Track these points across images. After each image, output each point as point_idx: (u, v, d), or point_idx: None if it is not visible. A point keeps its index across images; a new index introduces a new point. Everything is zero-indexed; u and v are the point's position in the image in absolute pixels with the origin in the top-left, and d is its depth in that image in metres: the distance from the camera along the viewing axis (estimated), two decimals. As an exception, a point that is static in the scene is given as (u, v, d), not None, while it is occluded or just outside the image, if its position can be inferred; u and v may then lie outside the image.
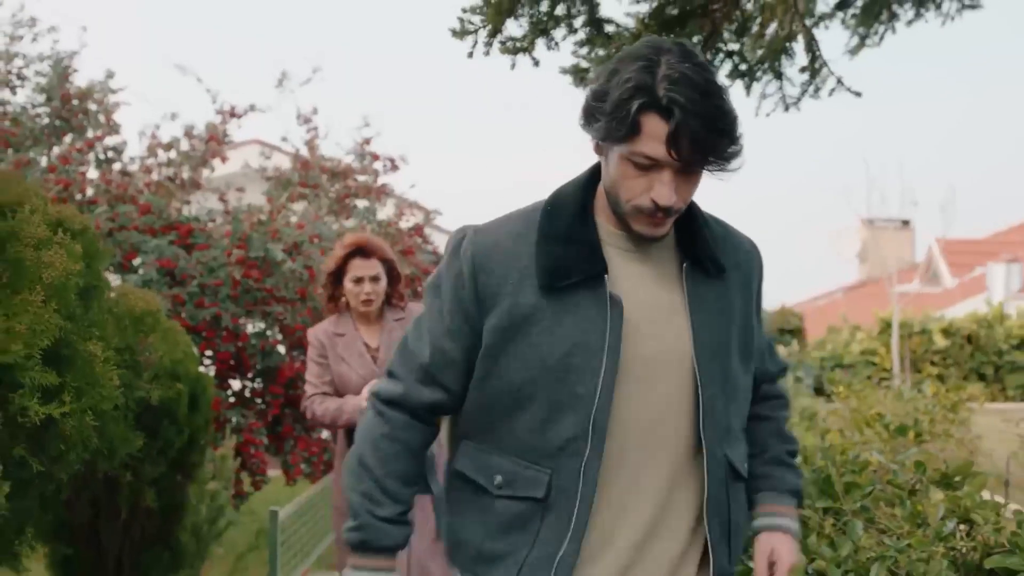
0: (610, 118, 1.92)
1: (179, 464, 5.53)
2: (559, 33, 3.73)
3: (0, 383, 2.76)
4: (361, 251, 4.94)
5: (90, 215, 8.20)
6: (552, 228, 2.07)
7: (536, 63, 3.60)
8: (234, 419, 8.18)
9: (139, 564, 5.63)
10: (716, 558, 2.12)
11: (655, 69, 1.90)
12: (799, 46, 4.12)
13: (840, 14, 4.89)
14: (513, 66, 3.61)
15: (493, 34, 3.53)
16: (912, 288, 31.56)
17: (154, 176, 10.35)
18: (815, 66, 4.20)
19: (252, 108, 11.22)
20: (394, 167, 11.74)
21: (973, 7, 5.06)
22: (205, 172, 10.66)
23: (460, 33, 3.47)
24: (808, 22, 4.09)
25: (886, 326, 15.48)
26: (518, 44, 3.56)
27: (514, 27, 3.57)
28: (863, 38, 5.05)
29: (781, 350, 17.50)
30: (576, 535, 2.04)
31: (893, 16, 5.09)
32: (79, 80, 10.27)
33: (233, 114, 11.08)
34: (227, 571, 7.58)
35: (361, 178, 11.50)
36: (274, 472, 9.74)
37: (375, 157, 11.65)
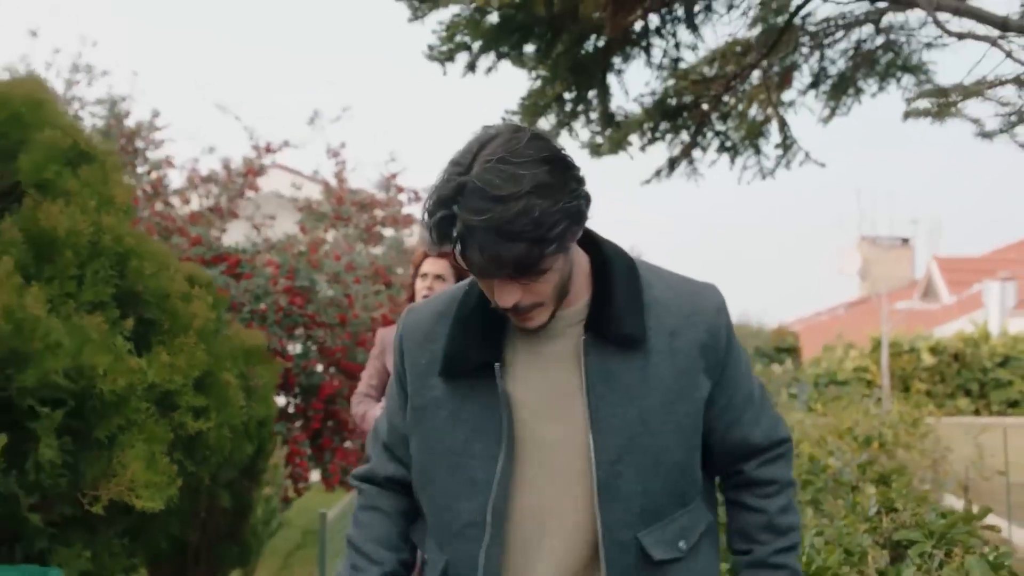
0: (425, 227, 1.85)
1: (248, 471, 6.39)
2: (578, 124, 4.68)
3: (165, 405, 3.70)
4: (435, 251, 5.24)
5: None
6: (461, 312, 2.04)
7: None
8: (281, 432, 9.07)
9: (213, 556, 6.49)
10: None
11: (464, 175, 1.79)
12: (773, 127, 5.07)
13: (813, 91, 5.83)
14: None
15: (529, 130, 4.48)
16: (911, 305, 32.38)
17: (193, 206, 11.35)
18: (786, 143, 5.12)
19: (286, 144, 12.23)
20: (418, 198, 12.66)
21: (929, 81, 5.96)
22: (240, 203, 11.61)
23: (504, 128, 4.42)
24: (780, 109, 5.03)
25: (877, 344, 16.36)
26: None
27: (543, 123, 4.51)
28: (833, 110, 5.99)
29: (775, 369, 18.20)
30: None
31: (859, 91, 6.03)
32: (129, 121, 11.26)
33: (268, 149, 12.07)
34: (277, 568, 8.48)
35: (387, 210, 12.43)
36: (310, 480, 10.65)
37: (400, 189, 12.59)
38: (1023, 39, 3.51)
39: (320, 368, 9.89)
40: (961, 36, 3.57)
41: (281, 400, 9.69)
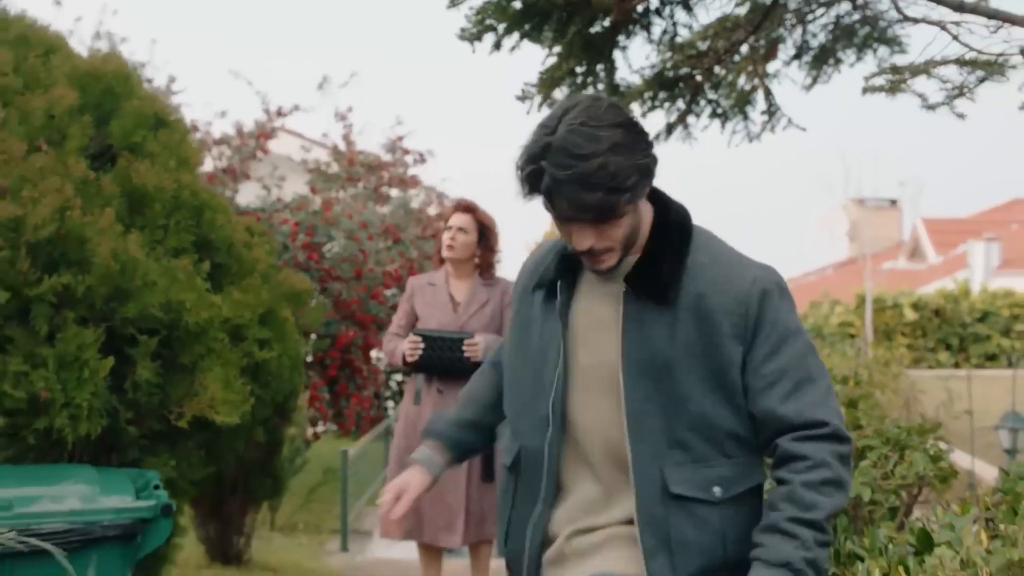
0: (517, 179, 2.17)
1: (280, 410, 7.00)
2: (588, 93, 5.28)
3: (236, 336, 4.31)
4: (460, 207, 5.45)
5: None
6: (558, 248, 2.37)
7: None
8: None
9: (248, 487, 7.10)
10: (650, 567, 2.21)
11: (550, 135, 2.10)
12: (759, 96, 5.67)
13: (796, 61, 6.42)
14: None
15: (544, 100, 5.08)
16: (898, 265, 33.01)
17: (207, 168, 11.91)
18: (771, 110, 5.71)
19: (296, 108, 12.79)
20: (422, 160, 13.25)
21: (903, 52, 6.55)
22: (252, 164, 12.19)
23: (522, 98, 5.03)
24: (766, 80, 5.63)
25: (862, 301, 17.03)
26: (561, 105, 5.16)
27: (558, 93, 5.11)
28: (815, 79, 6.58)
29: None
30: (547, 500, 2.35)
31: (839, 61, 6.62)
32: (147, 87, 11.81)
33: (280, 113, 12.64)
34: (300, 502, 9.14)
35: (393, 171, 13.01)
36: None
37: (405, 151, 13.16)
38: (972, 22, 4.10)
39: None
40: (916, 21, 4.17)
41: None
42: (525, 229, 37.93)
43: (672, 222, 2.29)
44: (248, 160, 12.14)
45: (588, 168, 2.05)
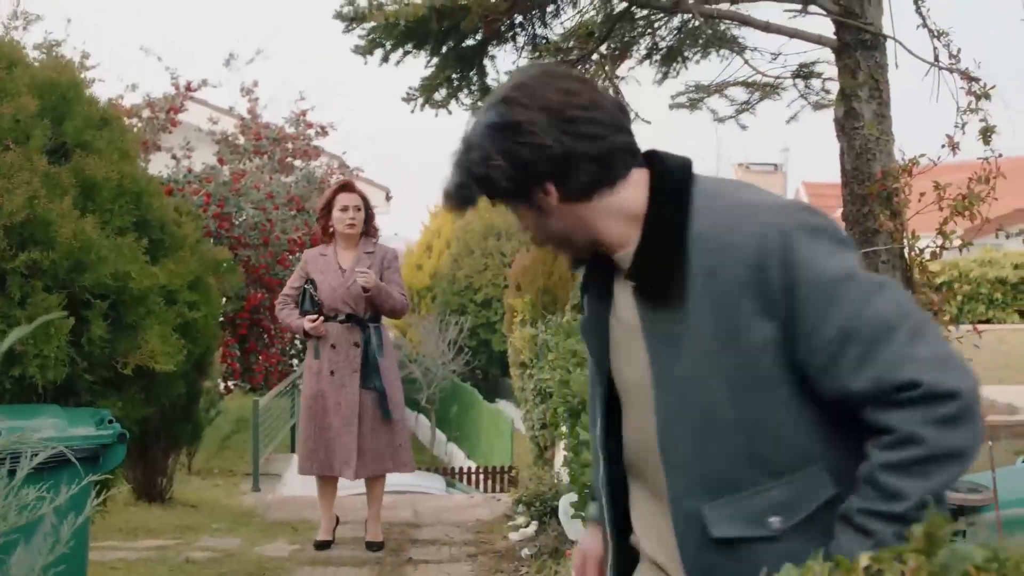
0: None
1: (199, 364, 7.88)
2: (463, 95, 6.24)
3: (170, 300, 5.24)
4: (345, 187, 6.26)
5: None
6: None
7: (450, 112, 6.17)
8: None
9: (170, 433, 7.94)
10: None
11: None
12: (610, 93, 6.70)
13: (647, 61, 7.49)
14: (436, 114, 6.15)
15: (425, 101, 6.08)
16: (782, 226, 34.51)
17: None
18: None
19: (204, 83, 13.54)
20: (324, 132, 14.10)
21: (742, 55, 7.64)
22: (164, 136, 12.92)
23: (407, 99, 6.02)
24: (616, 81, 6.69)
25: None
26: (440, 104, 6.12)
27: (437, 95, 6.10)
28: (665, 74, 7.67)
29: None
30: (612, 523, 2.06)
31: (686, 59, 7.71)
32: (62, 61, 12.43)
33: (189, 88, 13.36)
34: (214, 449, 10.05)
35: (297, 143, 13.85)
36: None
37: (308, 125, 14.01)
38: (763, 49, 5.18)
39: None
40: (720, 46, 5.24)
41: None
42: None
43: (667, 195, 1.83)
44: (158, 132, 12.88)
45: (460, 151, 1.85)
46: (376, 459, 6.24)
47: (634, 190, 1.84)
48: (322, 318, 6.14)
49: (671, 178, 1.85)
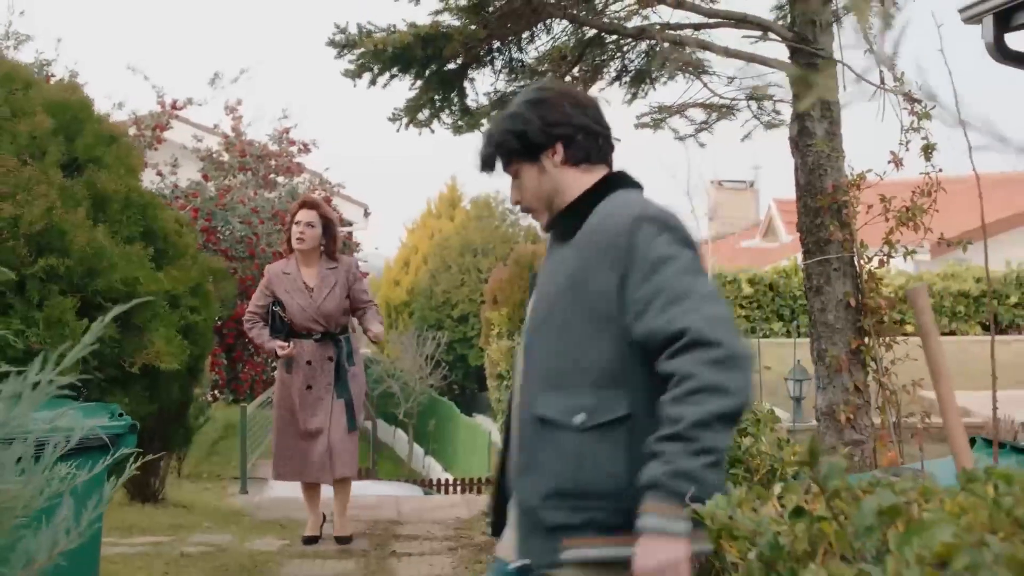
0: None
1: (192, 370, 8.24)
2: (445, 115, 6.67)
3: (174, 304, 5.64)
4: (305, 204, 6.14)
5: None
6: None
7: (432, 131, 6.63)
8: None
9: (165, 435, 8.26)
10: (517, 485, 2.45)
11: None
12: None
13: (617, 83, 7.95)
14: (420, 133, 6.61)
15: (410, 121, 6.53)
16: (754, 243, 35.01)
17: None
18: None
19: (190, 101, 13.90)
20: (307, 150, 14.49)
21: (700, 78, 8.09)
22: (149, 152, 13.26)
23: (393, 119, 6.46)
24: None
25: (706, 277, 18.56)
26: (424, 123, 6.57)
27: (420, 116, 6.54)
28: (634, 95, 8.13)
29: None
30: (511, 447, 2.55)
31: (654, 80, 8.17)
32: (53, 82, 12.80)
33: (174, 106, 13.72)
34: (203, 454, 10.38)
35: (280, 160, 14.23)
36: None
37: (291, 142, 14.40)
38: (720, 72, 5.64)
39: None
40: (683, 70, 5.70)
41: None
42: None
43: (601, 188, 2.48)
44: (145, 149, 13.23)
45: (493, 123, 2.56)
46: (344, 464, 6.44)
47: (593, 176, 2.50)
48: (291, 343, 6.12)
49: (610, 180, 2.50)
